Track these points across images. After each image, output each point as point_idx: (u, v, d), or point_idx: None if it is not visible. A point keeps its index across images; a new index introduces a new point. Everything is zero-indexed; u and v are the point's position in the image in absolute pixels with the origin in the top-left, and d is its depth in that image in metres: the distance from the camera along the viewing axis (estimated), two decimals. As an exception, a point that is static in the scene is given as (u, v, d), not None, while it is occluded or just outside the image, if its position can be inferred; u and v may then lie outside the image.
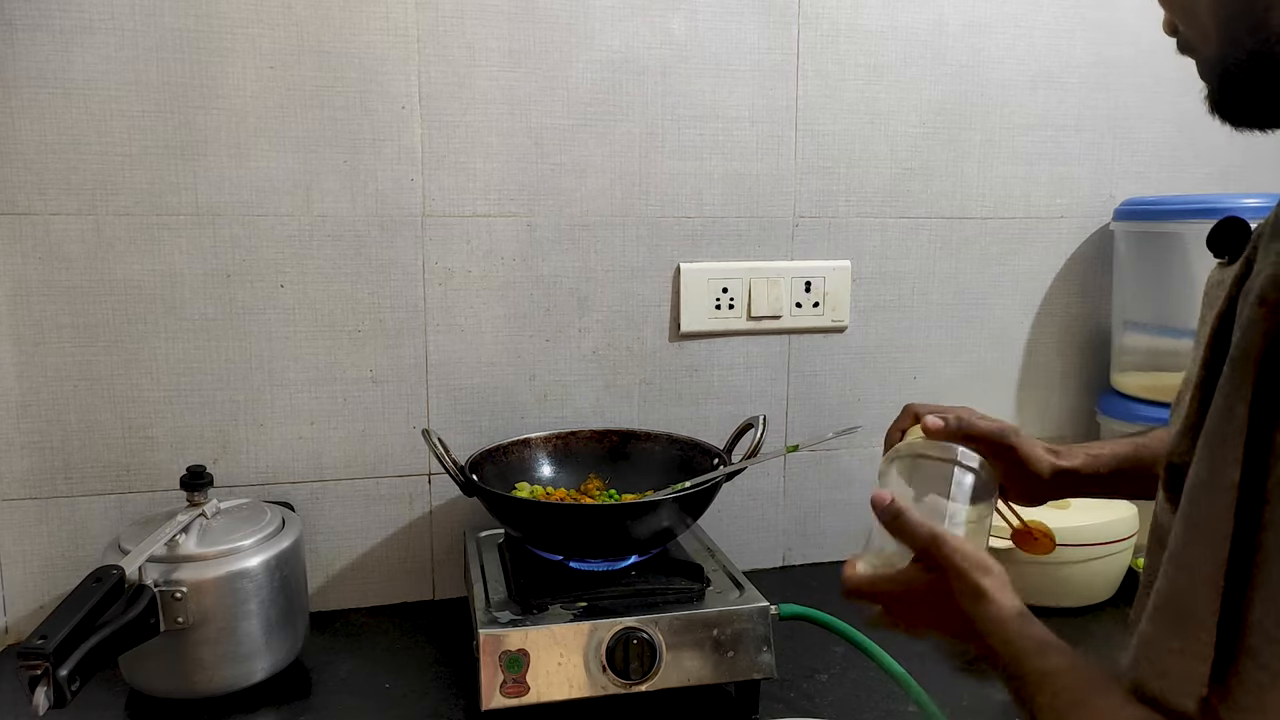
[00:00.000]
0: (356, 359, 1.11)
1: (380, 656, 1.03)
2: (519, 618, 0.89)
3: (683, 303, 1.19)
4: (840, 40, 1.20)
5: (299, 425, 1.10)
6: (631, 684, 0.89)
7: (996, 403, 1.34)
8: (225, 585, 0.89)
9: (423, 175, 1.09)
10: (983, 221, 1.29)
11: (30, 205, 0.99)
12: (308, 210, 1.07)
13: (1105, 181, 1.33)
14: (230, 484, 1.08)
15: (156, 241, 1.03)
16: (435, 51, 1.08)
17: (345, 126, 1.06)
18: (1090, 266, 1.34)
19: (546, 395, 1.18)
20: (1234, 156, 1.36)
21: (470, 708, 0.92)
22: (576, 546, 0.98)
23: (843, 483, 1.30)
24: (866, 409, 1.29)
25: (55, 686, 0.71)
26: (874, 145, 1.23)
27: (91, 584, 0.81)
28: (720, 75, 1.17)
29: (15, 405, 1.02)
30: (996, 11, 1.24)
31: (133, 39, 0.99)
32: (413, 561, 1.16)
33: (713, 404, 1.23)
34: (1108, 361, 1.35)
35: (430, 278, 1.12)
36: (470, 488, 0.98)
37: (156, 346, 1.05)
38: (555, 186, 1.14)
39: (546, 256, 1.15)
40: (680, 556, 1.03)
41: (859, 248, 1.25)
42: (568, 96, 1.12)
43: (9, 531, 1.04)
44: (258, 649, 0.92)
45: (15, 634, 1.05)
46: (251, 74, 1.03)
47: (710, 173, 1.18)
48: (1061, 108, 1.29)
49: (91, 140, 1.00)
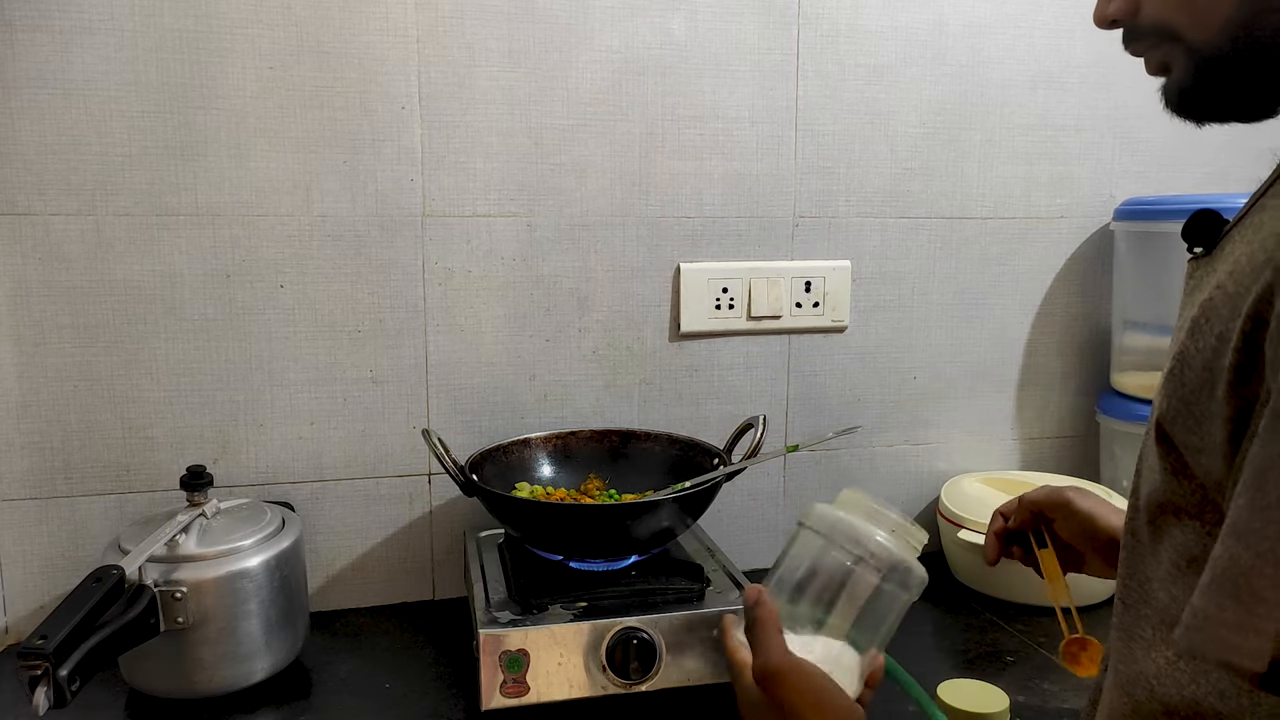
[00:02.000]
0: (356, 359, 1.11)
1: (380, 656, 1.03)
2: (519, 618, 0.89)
3: (683, 303, 1.19)
4: (840, 40, 1.20)
5: (299, 425, 1.10)
6: (631, 684, 0.89)
7: (996, 403, 1.34)
8: (225, 585, 0.89)
9: (423, 175, 1.09)
10: (983, 221, 1.29)
11: (30, 205, 0.99)
12: (308, 210, 1.07)
13: (1105, 181, 1.33)
14: (230, 484, 1.08)
15: (156, 242, 1.03)
16: (435, 51, 1.08)
17: (345, 127, 1.06)
18: (1090, 266, 1.34)
19: (546, 395, 1.18)
20: (1234, 156, 1.36)
21: (470, 708, 0.92)
22: (576, 546, 0.98)
23: (843, 483, 1.30)
24: (866, 409, 1.29)
25: (55, 686, 0.71)
26: (874, 145, 1.23)
27: (91, 584, 0.81)
28: (720, 75, 1.17)
29: (15, 405, 1.02)
30: (996, 11, 1.25)
31: (132, 39, 0.99)
32: (413, 561, 1.16)
33: (713, 404, 1.23)
34: (1108, 361, 1.35)
35: (430, 278, 1.12)
36: (470, 488, 0.98)
37: (156, 346, 1.05)
38: (555, 186, 1.14)
39: (546, 256, 1.15)
40: (680, 556, 1.03)
41: (859, 248, 1.25)
42: (568, 96, 1.12)
43: (9, 531, 1.04)
44: (258, 649, 0.92)
45: (15, 634, 1.05)
46: (251, 74, 1.03)
47: (710, 173, 1.18)
48: (1061, 108, 1.29)
49: (91, 140, 1.00)
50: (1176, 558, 0.50)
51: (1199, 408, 0.47)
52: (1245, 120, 0.52)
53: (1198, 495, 0.48)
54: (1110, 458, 1.31)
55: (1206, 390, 0.46)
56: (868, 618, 0.64)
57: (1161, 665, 0.50)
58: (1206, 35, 0.50)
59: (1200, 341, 0.47)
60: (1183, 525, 0.49)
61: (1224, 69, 0.50)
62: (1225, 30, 0.48)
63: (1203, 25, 0.50)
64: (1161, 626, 0.51)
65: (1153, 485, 0.51)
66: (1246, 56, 0.49)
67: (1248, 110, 0.52)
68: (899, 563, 0.64)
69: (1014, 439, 1.36)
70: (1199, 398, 0.47)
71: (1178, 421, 0.48)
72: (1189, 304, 0.53)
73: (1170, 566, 0.50)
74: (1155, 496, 0.51)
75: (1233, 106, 0.52)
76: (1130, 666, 0.52)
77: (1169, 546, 0.50)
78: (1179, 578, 0.49)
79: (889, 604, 0.64)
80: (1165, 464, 0.50)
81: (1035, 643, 1.04)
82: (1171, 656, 0.49)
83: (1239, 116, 0.52)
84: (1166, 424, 0.49)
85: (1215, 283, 0.48)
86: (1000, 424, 1.35)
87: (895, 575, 0.64)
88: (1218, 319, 0.46)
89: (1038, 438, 1.37)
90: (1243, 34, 0.48)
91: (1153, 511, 0.52)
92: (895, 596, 0.64)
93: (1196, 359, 0.47)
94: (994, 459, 1.35)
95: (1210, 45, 0.50)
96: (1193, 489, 0.48)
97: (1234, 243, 0.50)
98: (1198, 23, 0.50)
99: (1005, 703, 0.81)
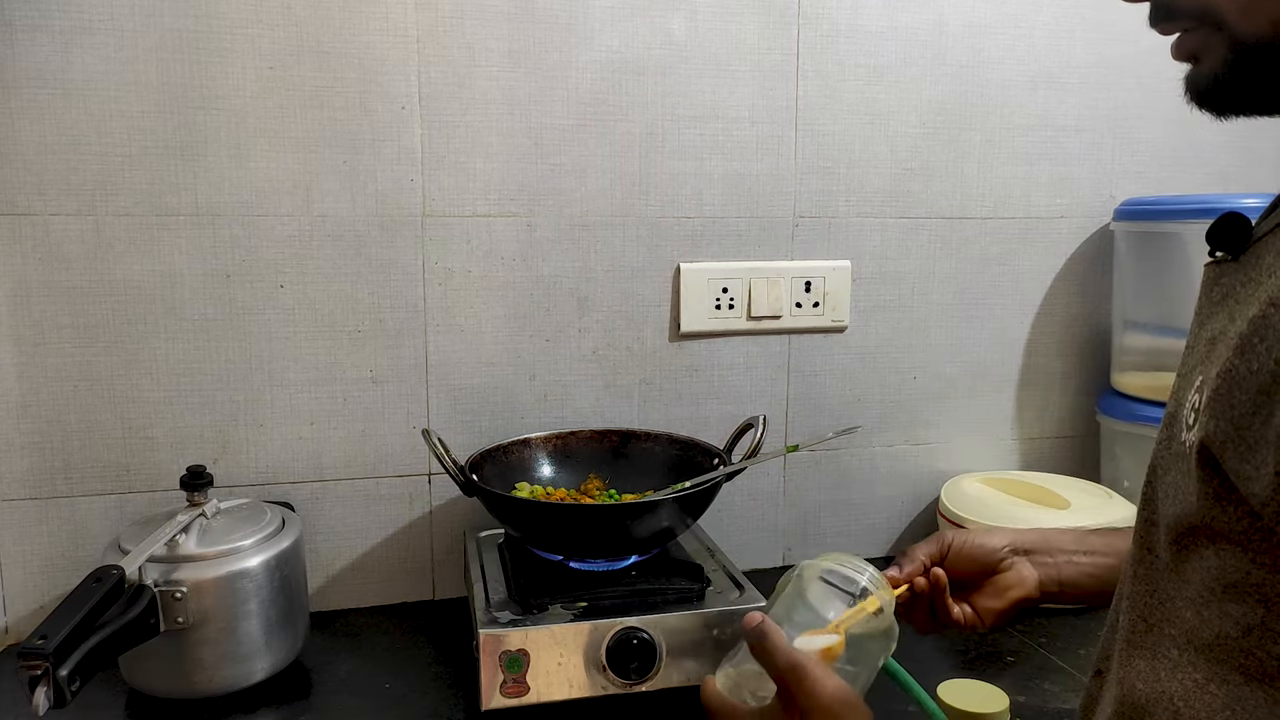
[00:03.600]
0: (356, 359, 1.11)
1: (380, 656, 1.03)
2: (519, 618, 0.89)
3: (683, 303, 1.19)
4: (840, 40, 1.20)
5: (299, 425, 1.10)
6: (631, 684, 0.89)
7: (996, 403, 1.34)
8: (225, 585, 0.89)
9: (423, 175, 1.09)
10: (983, 221, 1.29)
11: (30, 205, 0.99)
12: (308, 210, 1.07)
13: (1105, 181, 1.33)
14: (230, 484, 1.08)
15: (156, 242, 1.03)
16: (435, 52, 1.08)
17: (345, 127, 1.06)
18: (1090, 266, 1.34)
19: (546, 395, 1.18)
20: (1234, 156, 1.36)
21: (470, 708, 0.91)
22: (576, 546, 0.98)
23: (843, 483, 1.30)
24: (866, 409, 1.29)
25: (55, 686, 0.71)
26: (874, 145, 1.23)
27: (91, 584, 0.81)
28: (720, 75, 1.17)
29: (15, 405, 1.02)
30: (996, 12, 1.24)
31: (132, 39, 0.99)
32: (413, 561, 1.16)
33: (713, 404, 1.23)
34: (1108, 361, 1.35)
35: (430, 278, 1.12)
36: (470, 488, 0.98)
37: (156, 346, 1.05)
38: (555, 186, 1.14)
39: (546, 256, 1.15)
40: (680, 556, 1.03)
41: (859, 248, 1.25)
42: (568, 96, 1.12)
43: (9, 531, 1.04)
44: (258, 649, 0.92)
45: (15, 634, 1.05)
46: (251, 74, 1.03)
47: (710, 173, 1.18)
48: (1061, 108, 1.29)
49: (91, 140, 1.00)
50: (1210, 581, 0.48)
51: (1252, 434, 0.44)
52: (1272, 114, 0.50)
53: (1244, 523, 0.45)
54: (1110, 458, 1.31)
55: (1262, 416, 0.43)
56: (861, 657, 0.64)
57: (1190, 687, 0.48)
58: (1255, 26, 0.46)
59: (1254, 363, 0.44)
60: (1219, 550, 0.47)
61: (1265, 62, 0.47)
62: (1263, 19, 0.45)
63: (1253, 16, 0.46)
64: (1189, 649, 0.49)
65: (1184, 507, 0.49)
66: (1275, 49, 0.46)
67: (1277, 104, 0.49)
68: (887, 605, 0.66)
69: (1014, 439, 1.36)
70: (1252, 423, 0.43)
71: (1228, 447, 0.45)
72: (1219, 313, 0.51)
73: (1201, 589, 0.48)
74: (1187, 519, 0.49)
75: (1265, 100, 0.49)
76: (1152, 686, 0.51)
77: (1200, 569, 0.48)
78: (1212, 602, 0.48)
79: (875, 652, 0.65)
80: (1206, 488, 0.47)
81: (1035, 643, 1.04)
82: (1201, 679, 0.48)
83: (1268, 110, 0.50)
84: (1215, 449, 0.46)
85: (1267, 298, 0.45)
86: (1000, 424, 1.35)
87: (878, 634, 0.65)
88: (1276, 341, 0.43)
89: (1038, 438, 1.37)
90: None
91: (1180, 532, 0.50)
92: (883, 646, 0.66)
93: (1250, 381, 0.44)
94: (994, 459, 1.35)
95: (1255, 37, 0.46)
96: (1239, 516, 0.46)
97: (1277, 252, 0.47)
98: (1249, 12, 0.46)
99: (1005, 703, 0.81)
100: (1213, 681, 0.48)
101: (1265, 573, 0.45)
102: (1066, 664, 1.00)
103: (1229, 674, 0.47)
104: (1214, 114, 0.51)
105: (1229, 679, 0.47)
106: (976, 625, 0.78)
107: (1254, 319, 0.45)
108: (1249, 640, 0.46)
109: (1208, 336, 0.51)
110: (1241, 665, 0.46)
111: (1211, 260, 0.55)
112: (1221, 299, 0.52)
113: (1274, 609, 0.45)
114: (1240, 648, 0.46)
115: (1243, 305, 0.48)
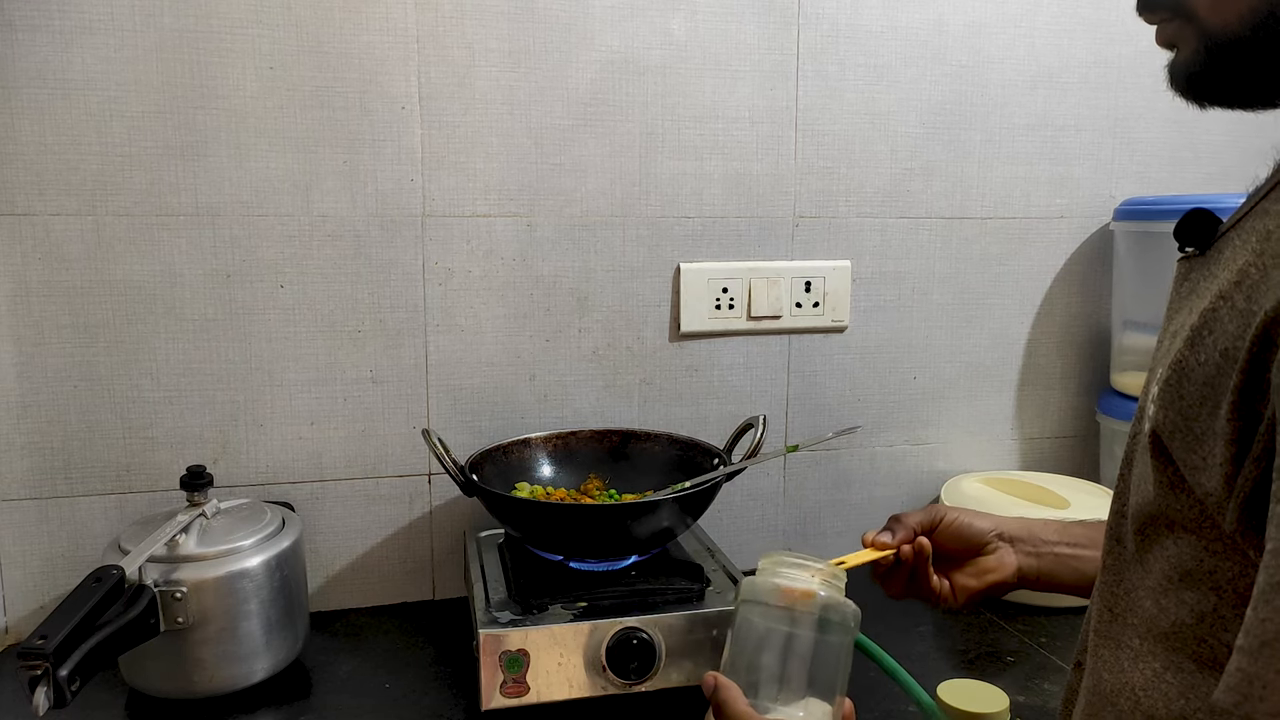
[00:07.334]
0: (356, 359, 1.11)
1: (380, 656, 1.03)
2: (519, 618, 0.89)
3: (683, 303, 1.19)
4: (840, 40, 1.20)
5: (299, 425, 1.10)
6: (631, 684, 0.89)
7: (996, 403, 1.34)
8: (225, 585, 0.89)
9: (423, 175, 1.09)
10: (983, 221, 1.29)
11: (30, 205, 0.99)
12: (307, 210, 1.07)
13: (1105, 181, 1.33)
14: (230, 484, 1.08)
15: (156, 241, 1.03)
16: (435, 52, 1.08)
17: (345, 127, 1.06)
18: (1090, 266, 1.34)
19: (546, 395, 1.18)
20: (1234, 156, 1.36)
21: (470, 708, 0.92)
22: (576, 546, 0.98)
23: (843, 483, 1.30)
24: (866, 409, 1.29)
25: (55, 686, 0.71)
26: (874, 145, 1.23)
27: (91, 584, 0.81)
28: (720, 75, 1.17)
29: (15, 405, 1.02)
30: (996, 12, 1.25)
31: (132, 39, 0.99)
32: (413, 561, 1.16)
33: (713, 404, 1.23)
34: (1108, 361, 1.35)
35: (430, 278, 1.12)
36: (470, 488, 0.98)
37: (156, 346, 1.05)
38: (555, 186, 1.14)
39: (546, 256, 1.15)
40: (680, 556, 1.03)
41: (859, 248, 1.25)
42: (568, 96, 1.12)
43: (9, 531, 1.04)
44: (258, 649, 0.92)
45: (15, 634, 1.05)
46: (251, 74, 1.03)
47: (710, 173, 1.18)
48: (1061, 108, 1.29)
49: (91, 140, 1.00)
50: (1169, 570, 0.49)
51: (1199, 425, 0.45)
52: (1249, 108, 0.51)
53: (1195, 510, 0.46)
54: (1110, 457, 1.31)
55: (1208, 407, 0.44)
56: (821, 670, 0.64)
57: (1149, 677, 0.49)
58: (1223, 20, 0.48)
59: (1201, 355, 0.45)
60: (1176, 539, 0.48)
61: (1235, 55, 0.48)
62: (1247, 18, 0.47)
63: (1221, 10, 0.48)
64: (1149, 638, 0.50)
65: (1144, 496, 0.50)
66: (1264, 44, 0.47)
67: (1254, 98, 0.50)
68: (830, 607, 0.64)
69: (1014, 439, 1.36)
70: (1199, 414, 0.45)
71: (1176, 437, 0.46)
72: (1183, 307, 0.52)
73: (1160, 578, 0.49)
74: (1147, 508, 0.50)
75: (1239, 93, 0.50)
76: (1116, 676, 0.52)
77: (1160, 558, 0.49)
78: (1170, 590, 0.49)
79: (836, 651, 0.64)
80: (1161, 477, 0.48)
81: (1035, 643, 1.04)
82: (1159, 668, 0.48)
83: (1244, 104, 0.51)
84: (1165, 438, 0.47)
85: (1217, 291, 0.46)
86: (1000, 424, 1.35)
87: (831, 622, 0.64)
88: (1223, 334, 0.44)
89: (1038, 438, 1.37)
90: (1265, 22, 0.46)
91: (1142, 522, 0.51)
92: (839, 642, 0.65)
93: (1197, 373, 0.45)
94: (994, 459, 1.35)
95: (1224, 30, 0.48)
96: (1190, 504, 0.47)
97: (1234, 247, 0.48)
98: (1217, 7, 0.48)
99: (1005, 703, 0.81)
100: (1169, 670, 0.48)
101: (1217, 560, 0.46)
102: (1066, 664, 1.00)
103: (1184, 662, 0.48)
104: (1194, 103, 0.53)
105: (1184, 667, 0.48)
106: (949, 601, 0.79)
107: (1204, 311, 0.46)
108: (1202, 628, 0.47)
109: (1172, 330, 0.52)
110: (1195, 654, 0.47)
111: (1182, 256, 0.56)
112: (1188, 293, 0.53)
113: (1225, 596, 0.46)
114: (1194, 635, 0.47)
115: (1199, 298, 0.49)
